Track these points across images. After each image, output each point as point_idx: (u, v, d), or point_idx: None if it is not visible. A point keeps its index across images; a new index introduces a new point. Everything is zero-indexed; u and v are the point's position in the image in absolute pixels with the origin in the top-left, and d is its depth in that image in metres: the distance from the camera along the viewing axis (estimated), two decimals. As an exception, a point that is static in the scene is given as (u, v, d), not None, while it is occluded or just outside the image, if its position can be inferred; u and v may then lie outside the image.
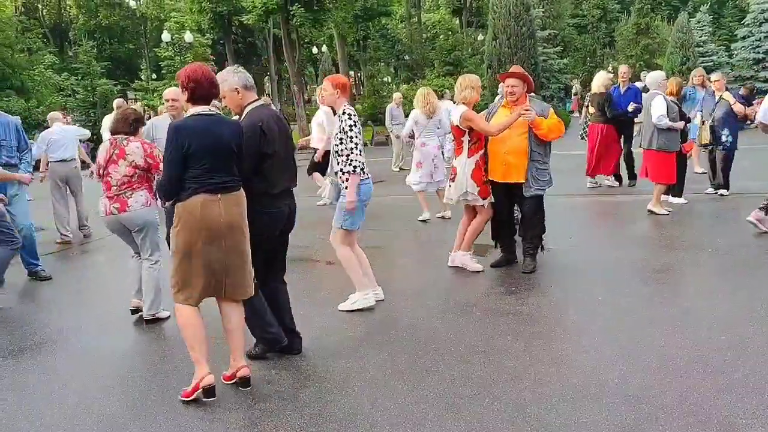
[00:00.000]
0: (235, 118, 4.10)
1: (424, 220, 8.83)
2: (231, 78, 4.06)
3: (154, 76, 40.43)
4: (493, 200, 6.19)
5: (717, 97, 9.29)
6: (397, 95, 16.21)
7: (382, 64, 43.05)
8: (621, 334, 4.44)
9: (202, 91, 3.70)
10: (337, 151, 5.03)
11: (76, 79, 32.28)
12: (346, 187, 5.00)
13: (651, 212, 8.24)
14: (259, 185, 4.03)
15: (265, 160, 4.04)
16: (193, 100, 3.72)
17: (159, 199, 4.91)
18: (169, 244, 4.06)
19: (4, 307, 5.94)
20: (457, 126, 6.06)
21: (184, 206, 3.66)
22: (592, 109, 10.27)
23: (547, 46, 28.97)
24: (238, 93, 4.07)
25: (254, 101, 4.16)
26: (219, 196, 3.67)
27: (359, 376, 4.03)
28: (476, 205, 6.17)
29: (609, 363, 3.98)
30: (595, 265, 6.22)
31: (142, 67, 41.29)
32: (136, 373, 4.33)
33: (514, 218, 6.44)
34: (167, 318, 5.22)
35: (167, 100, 6.14)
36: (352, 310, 5.22)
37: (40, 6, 46.62)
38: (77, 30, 44.67)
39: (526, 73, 6.06)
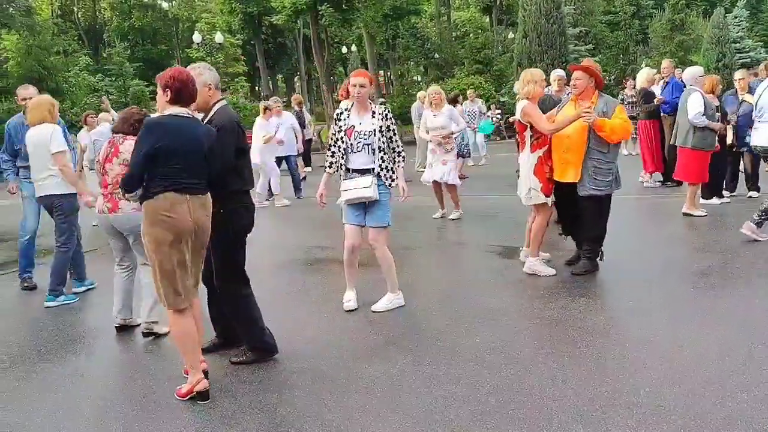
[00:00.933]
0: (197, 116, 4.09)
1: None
2: (207, 73, 4.11)
3: (185, 76, 40.74)
4: (554, 199, 6.06)
5: (740, 98, 9.00)
6: (421, 94, 16.10)
7: (412, 63, 42.97)
8: (657, 341, 4.29)
9: (186, 92, 3.75)
10: (381, 147, 5.09)
11: (110, 80, 32.80)
12: (390, 184, 5.16)
13: (687, 214, 8.03)
14: (235, 182, 4.13)
15: (240, 156, 4.16)
16: (175, 101, 3.74)
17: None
18: None
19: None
20: (519, 121, 6.01)
21: (153, 205, 3.66)
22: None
23: (578, 43, 28.63)
24: (210, 90, 4.11)
25: (220, 100, 4.23)
26: (187, 196, 3.69)
27: (383, 381, 3.96)
28: (538, 203, 6.03)
29: (643, 372, 3.84)
30: (628, 268, 6.05)
31: (174, 68, 41.68)
32: (159, 376, 4.31)
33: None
34: (166, 334, 4.94)
35: None
36: (377, 312, 5.20)
37: (75, 9, 47.41)
38: (111, 32, 45.34)
39: (594, 68, 5.88)
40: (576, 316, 4.89)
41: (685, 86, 10.34)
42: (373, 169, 5.08)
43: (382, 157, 5.10)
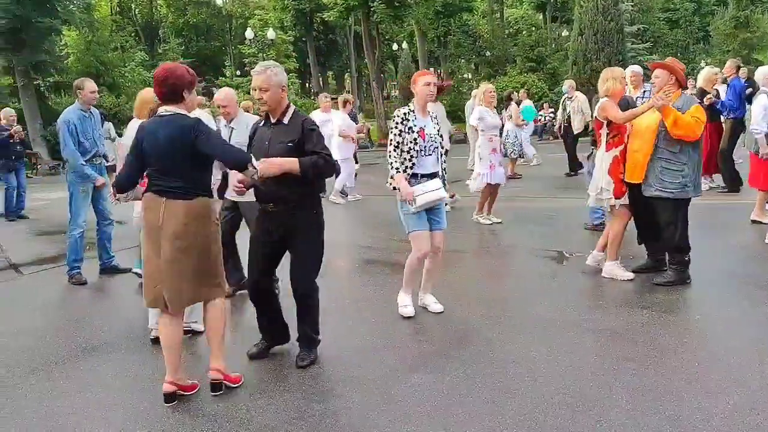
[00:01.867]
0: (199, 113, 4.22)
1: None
2: (282, 75, 4.07)
3: (238, 72, 41.31)
4: (626, 202, 5.76)
5: None
6: (475, 92, 15.75)
7: (463, 60, 42.48)
8: (731, 363, 3.97)
9: (162, 90, 3.71)
10: (441, 148, 5.11)
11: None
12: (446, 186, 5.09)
13: (756, 222, 7.57)
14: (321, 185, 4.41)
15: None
16: (162, 99, 3.74)
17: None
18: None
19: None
20: (596, 118, 5.85)
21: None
22: None
23: (636, 41, 27.83)
24: (283, 91, 4.05)
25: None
26: (164, 199, 3.64)
27: (432, 393, 3.75)
28: (611, 205, 5.79)
29: (716, 396, 3.54)
30: (696, 279, 5.64)
31: (226, 64, 42.26)
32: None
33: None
34: (202, 333, 4.81)
35: (218, 107, 5.79)
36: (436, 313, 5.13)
37: (133, 5, 48.41)
38: (166, 28, 46.16)
39: (676, 66, 5.51)
40: (639, 330, 4.59)
41: (749, 86, 9.85)
42: (438, 171, 5.01)
43: (444, 160, 5.14)
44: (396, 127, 4.86)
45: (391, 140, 4.89)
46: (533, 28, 41.05)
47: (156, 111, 4.74)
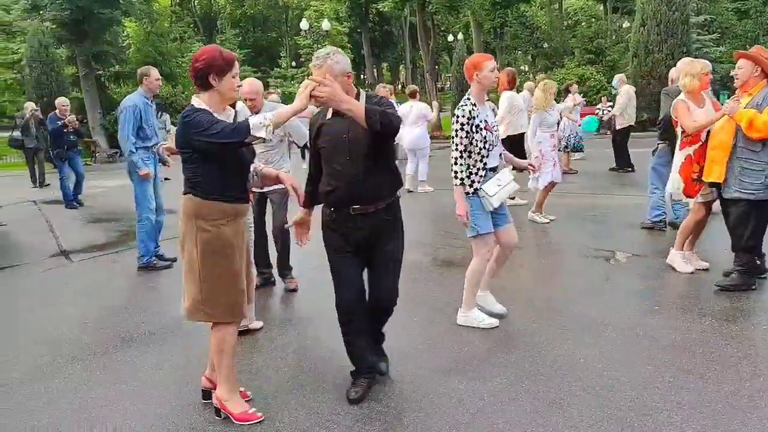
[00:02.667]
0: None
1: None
2: (343, 60, 3.46)
3: (293, 63, 41.58)
4: (701, 200, 5.54)
5: None
6: (528, 84, 15.30)
7: (519, 52, 41.75)
8: (794, 377, 3.66)
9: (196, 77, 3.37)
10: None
11: (221, 67, 33.76)
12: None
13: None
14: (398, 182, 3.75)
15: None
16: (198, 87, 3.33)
17: None
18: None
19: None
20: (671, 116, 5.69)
21: None
22: None
23: (702, 32, 26.69)
24: (349, 78, 3.48)
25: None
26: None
27: (472, 400, 3.56)
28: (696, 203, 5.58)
29: (780, 415, 3.25)
30: (761, 284, 5.30)
31: (282, 55, 42.54)
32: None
33: None
34: (260, 329, 4.86)
35: (245, 100, 5.62)
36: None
37: (192, -3, 49.29)
38: (224, 19, 46.81)
39: (761, 55, 5.11)
40: (698, 339, 4.29)
41: None
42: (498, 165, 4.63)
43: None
44: (462, 129, 4.34)
45: (457, 145, 4.36)
46: (593, 19, 40.01)
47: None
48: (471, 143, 4.36)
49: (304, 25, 34.47)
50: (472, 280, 4.65)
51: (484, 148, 4.38)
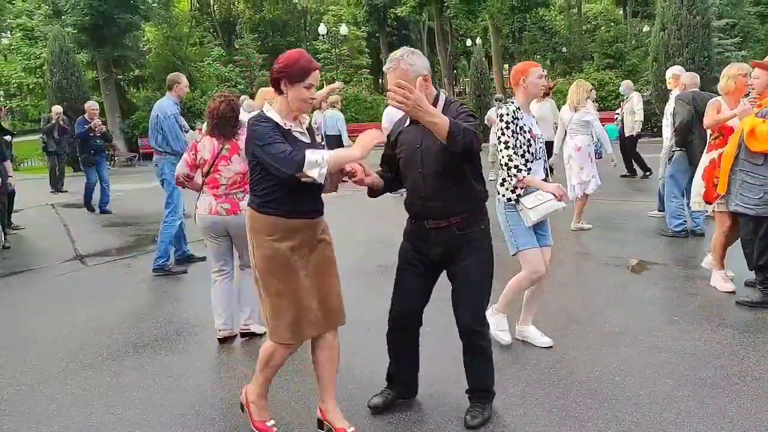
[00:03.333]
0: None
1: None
2: (419, 62, 3.22)
3: (311, 68, 41.62)
4: (719, 209, 5.33)
5: None
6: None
7: (538, 56, 41.48)
8: (819, 393, 3.54)
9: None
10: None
11: (240, 71, 33.95)
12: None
13: None
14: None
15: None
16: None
17: None
18: None
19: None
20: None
21: None
22: None
23: (723, 36, 26.34)
24: (427, 81, 3.25)
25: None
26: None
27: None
28: (718, 211, 5.37)
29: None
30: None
31: (300, 60, 42.67)
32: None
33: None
34: (262, 335, 4.78)
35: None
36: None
37: (212, 2, 49.60)
38: (243, 24, 47.06)
39: None
40: (719, 352, 4.17)
41: None
42: (547, 177, 4.31)
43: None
44: (508, 128, 4.05)
45: (506, 143, 4.05)
46: (612, 24, 39.62)
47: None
48: (517, 144, 4.07)
49: (322, 29, 34.59)
50: (513, 288, 4.34)
51: (528, 152, 4.09)
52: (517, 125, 4.07)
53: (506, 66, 36.67)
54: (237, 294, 4.86)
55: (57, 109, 14.89)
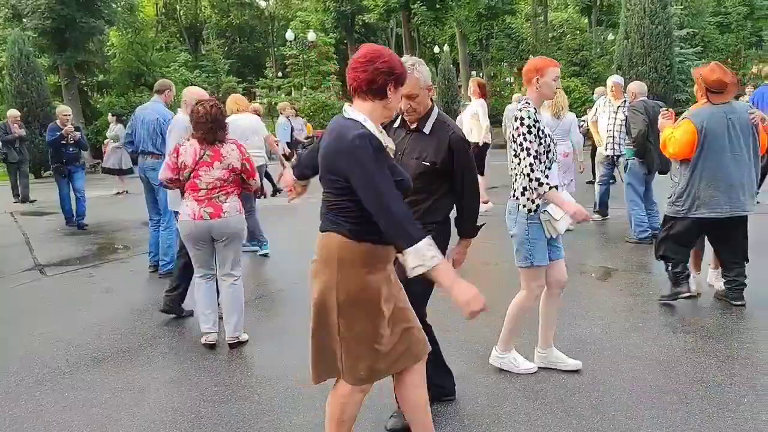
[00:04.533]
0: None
1: None
2: (425, 71, 3.19)
3: (279, 74, 41.50)
4: None
5: None
6: (517, 96, 15.34)
7: (505, 64, 41.88)
8: (779, 398, 3.59)
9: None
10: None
11: (206, 76, 33.69)
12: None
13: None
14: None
15: None
16: (361, 91, 2.66)
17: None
18: None
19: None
20: None
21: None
22: None
23: (684, 46, 26.94)
24: (431, 92, 3.26)
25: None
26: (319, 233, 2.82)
27: (452, 422, 3.45)
28: None
29: (765, 438, 3.17)
30: (748, 301, 5.20)
31: (268, 65, 42.47)
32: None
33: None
34: (246, 342, 4.82)
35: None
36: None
37: (178, 7, 49.11)
38: (210, 29, 46.73)
39: (700, 75, 5.06)
40: (681, 358, 4.22)
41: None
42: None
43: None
44: (530, 132, 3.68)
45: (528, 150, 3.66)
46: (578, 32, 40.20)
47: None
48: (540, 151, 3.74)
49: (289, 35, 34.47)
50: (515, 316, 4.03)
51: (548, 159, 3.79)
52: (538, 128, 3.72)
53: (473, 73, 36.93)
54: (228, 303, 4.75)
55: (13, 113, 14.24)
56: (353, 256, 2.57)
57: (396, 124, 3.34)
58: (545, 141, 3.74)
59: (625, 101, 8.07)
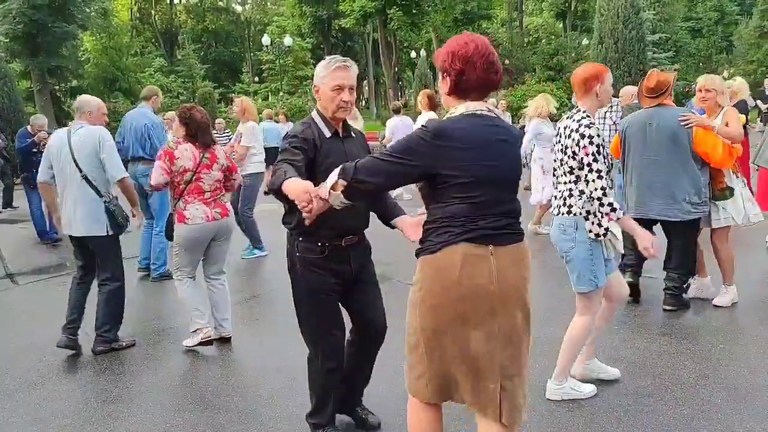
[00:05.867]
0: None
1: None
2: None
3: (255, 78, 41.37)
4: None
5: None
6: (492, 101, 15.38)
7: (481, 68, 42.19)
8: (750, 397, 3.63)
9: (472, 76, 2.41)
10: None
11: (182, 81, 33.44)
12: None
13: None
14: None
15: None
16: (459, 91, 2.45)
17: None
18: None
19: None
20: None
21: (436, 260, 2.40)
22: None
23: (657, 50, 27.37)
24: None
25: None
26: (491, 247, 2.38)
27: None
28: None
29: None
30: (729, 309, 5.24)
31: (244, 70, 42.32)
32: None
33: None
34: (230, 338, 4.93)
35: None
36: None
37: (153, 12, 48.77)
38: (185, 34, 46.46)
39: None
40: (656, 360, 4.25)
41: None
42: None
43: None
44: (599, 152, 3.43)
45: (599, 171, 3.42)
46: (553, 37, 40.68)
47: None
48: (603, 169, 3.48)
49: (266, 40, 34.36)
50: (576, 343, 3.71)
51: (609, 177, 3.51)
52: (603, 147, 3.47)
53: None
54: (223, 301, 4.92)
55: None
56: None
57: (328, 134, 3.04)
58: (607, 160, 3.51)
59: (611, 106, 7.92)
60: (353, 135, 3.18)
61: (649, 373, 4.05)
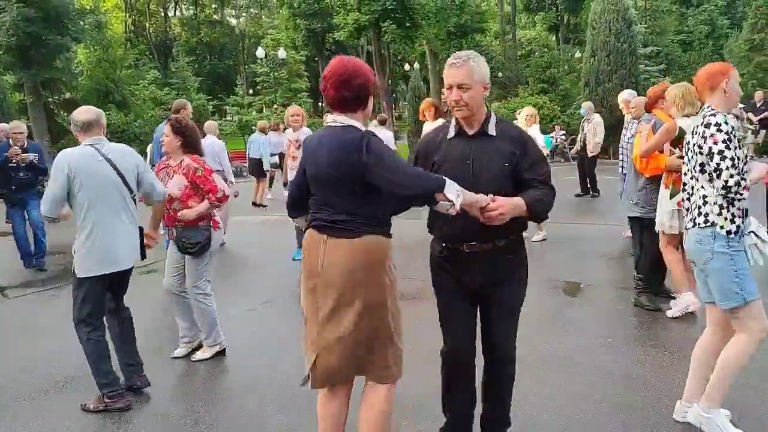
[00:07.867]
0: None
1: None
2: (484, 66, 2.89)
3: (250, 91, 41.41)
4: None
5: None
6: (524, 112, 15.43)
7: (474, 81, 42.35)
8: (750, 412, 3.62)
9: (329, 92, 2.82)
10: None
11: (176, 94, 33.41)
12: None
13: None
14: None
15: None
16: (345, 104, 2.82)
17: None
18: None
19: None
20: None
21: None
22: None
23: (649, 63, 27.52)
24: (486, 91, 2.91)
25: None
26: (324, 236, 2.78)
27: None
28: None
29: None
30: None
31: (238, 83, 42.35)
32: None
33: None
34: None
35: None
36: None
37: (147, 24, 48.84)
38: (180, 46, 46.51)
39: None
40: (650, 373, 4.25)
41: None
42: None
43: None
44: (731, 140, 3.17)
45: (733, 158, 3.13)
46: (545, 50, 40.87)
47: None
48: (742, 167, 3.19)
49: (260, 53, 34.46)
50: (734, 367, 3.28)
51: (745, 173, 3.21)
52: (736, 137, 3.22)
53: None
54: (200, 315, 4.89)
55: None
56: (391, 253, 2.89)
57: (452, 134, 2.98)
58: (743, 153, 3.22)
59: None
60: (491, 134, 2.91)
61: (641, 387, 4.04)
